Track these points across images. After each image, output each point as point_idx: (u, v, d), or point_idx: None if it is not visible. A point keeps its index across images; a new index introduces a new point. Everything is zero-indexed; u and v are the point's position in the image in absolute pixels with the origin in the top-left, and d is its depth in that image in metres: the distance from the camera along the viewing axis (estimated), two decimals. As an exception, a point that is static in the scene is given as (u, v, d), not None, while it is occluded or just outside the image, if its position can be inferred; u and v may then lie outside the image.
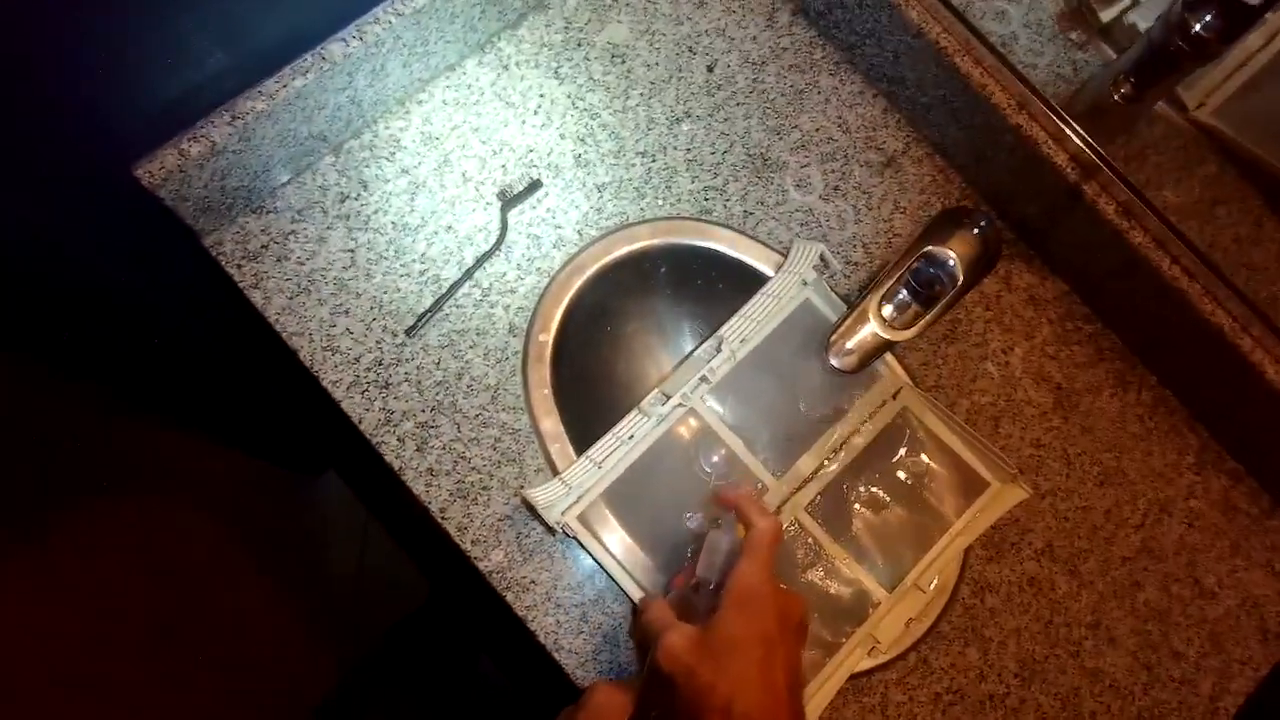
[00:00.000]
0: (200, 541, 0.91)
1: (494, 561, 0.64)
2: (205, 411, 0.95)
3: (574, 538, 0.64)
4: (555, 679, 0.65)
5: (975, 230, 0.66)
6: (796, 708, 0.51)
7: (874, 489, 0.70)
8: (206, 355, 0.87)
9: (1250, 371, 0.67)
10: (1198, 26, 0.66)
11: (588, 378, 0.70)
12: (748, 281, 0.71)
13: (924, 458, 0.71)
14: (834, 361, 0.67)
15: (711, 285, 0.73)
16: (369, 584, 1.11)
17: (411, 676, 1.10)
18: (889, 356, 0.71)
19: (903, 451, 0.71)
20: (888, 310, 0.68)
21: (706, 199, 0.73)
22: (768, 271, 0.72)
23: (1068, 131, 0.68)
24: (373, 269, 0.67)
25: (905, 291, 0.67)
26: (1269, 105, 0.78)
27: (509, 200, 0.70)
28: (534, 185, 0.70)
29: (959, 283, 0.65)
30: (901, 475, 0.70)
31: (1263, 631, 0.73)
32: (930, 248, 0.65)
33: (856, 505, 0.69)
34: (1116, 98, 0.72)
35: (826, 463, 0.69)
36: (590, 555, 0.64)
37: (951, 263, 0.65)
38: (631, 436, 0.66)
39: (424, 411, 0.66)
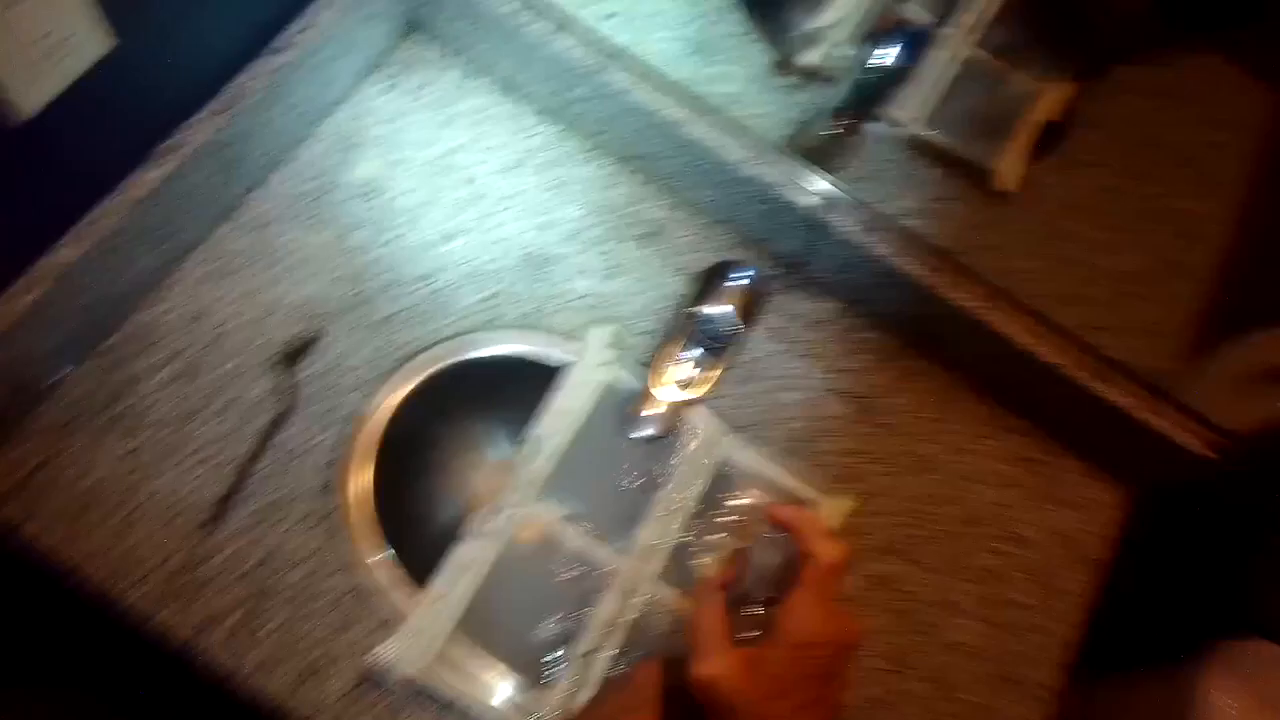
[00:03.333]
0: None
1: (362, 731, 0.56)
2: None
3: (436, 683, 0.56)
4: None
5: (740, 280, 0.64)
6: None
7: (716, 537, 0.66)
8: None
9: (1003, 341, 0.67)
10: (886, 57, 0.67)
11: (415, 513, 0.63)
12: (552, 376, 0.66)
13: (755, 495, 0.67)
14: (646, 431, 0.63)
15: (520, 388, 0.67)
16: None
17: None
18: (702, 409, 0.68)
19: (734, 495, 0.67)
20: (684, 370, 0.64)
21: (494, 306, 0.67)
22: (570, 361, 0.67)
23: (801, 168, 0.66)
24: (160, 466, 0.58)
25: (697, 347, 0.64)
26: (965, 108, 0.80)
27: (292, 358, 0.62)
28: (312, 338, 0.63)
29: (736, 330, 0.62)
30: (738, 518, 0.66)
31: (1082, 560, 0.73)
32: (701, 305, 0.62)
33: (699, 560, 0.65)
34: (838, 130, 0.72)
35: (667, 527, 0.64)
36: (458, 693, 0.57)
37: (724, 314, 0.62)
38: (471, 561, 0.59)
39: (249, 599, 0.56)
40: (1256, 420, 0.71)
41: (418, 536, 0.61)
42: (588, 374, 0.65)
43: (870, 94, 0.71)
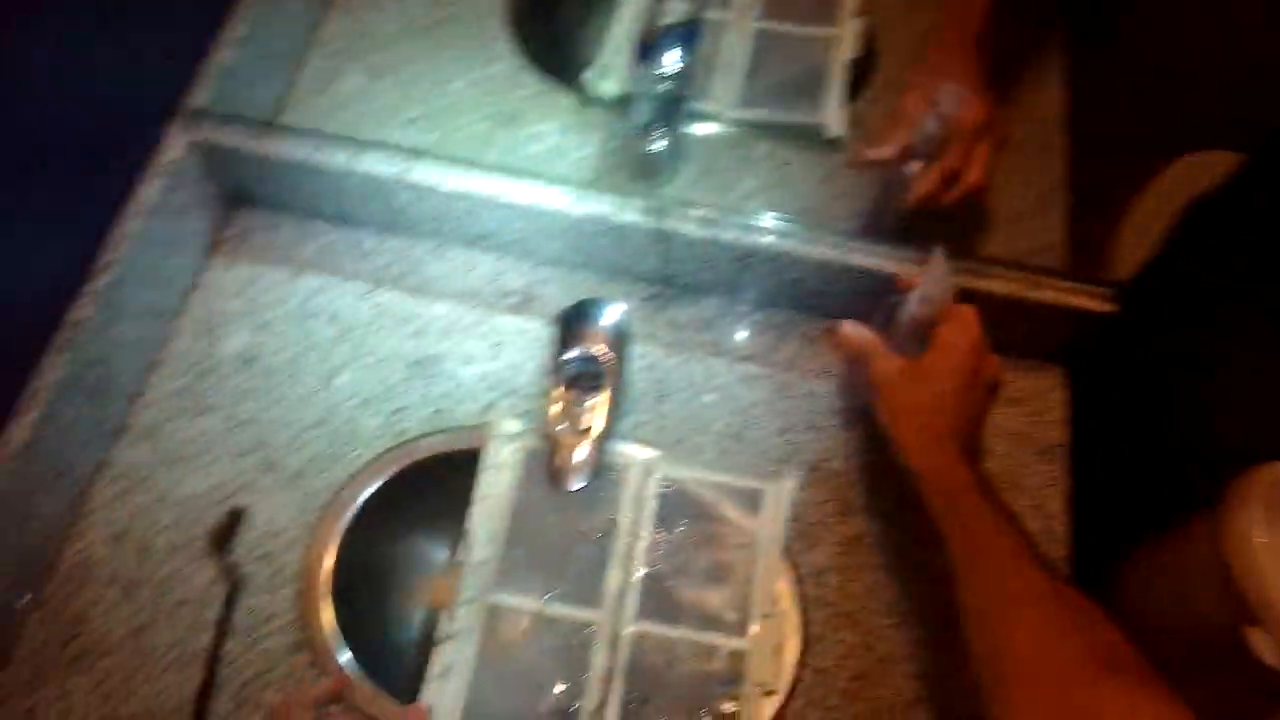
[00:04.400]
0: None
1: None
2: None
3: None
4: None
5: (597, 316, 0.68)
6: (974, 443, 0.63)
7: (680, 558, 0.69)
8: None
9: (874, 275, 0.71)
10: (669, 63, 0.72)
11: (386, 639, 0.67)
12: (476, 466, 0.70)
13: (702, 504, 0.71)
14: (572, 485, 0.67)
15: (450, 486, 0.71)
16: None
17: None
18: (626, 445, 0.72)
19: (684, 511, 0.70)
20: (583, 414, 0.68)
21: (397, 423, 0.72)
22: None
23: (625, 192, 0.72)
24: (131, 686, 0.62)
25: (583, 389, 0.68)
26: (772, 77, 0.87)
27: (220, 542, 0.66)
28: (236, 515, 0.67)
29: (608, 361, 0.67)
30: (694, 533, 0.70)
31: (1042, 451, 0.76)
32: (568, 352, 0.67)
33: (673, 583, 0.68)
34: (653, 146, 0.77)
35: (630, 565, 0.68)
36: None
37: (592, 352, 0.67)
38: (448, 667, 0.63)
39: (250, 781, 0.60)
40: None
41: (394, 660, 0.65)
42: (496, 455, 0.69)
43: (671, 100, 0.77)
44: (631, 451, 0.72)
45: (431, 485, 0.71)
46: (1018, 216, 0.79)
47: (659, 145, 0.75)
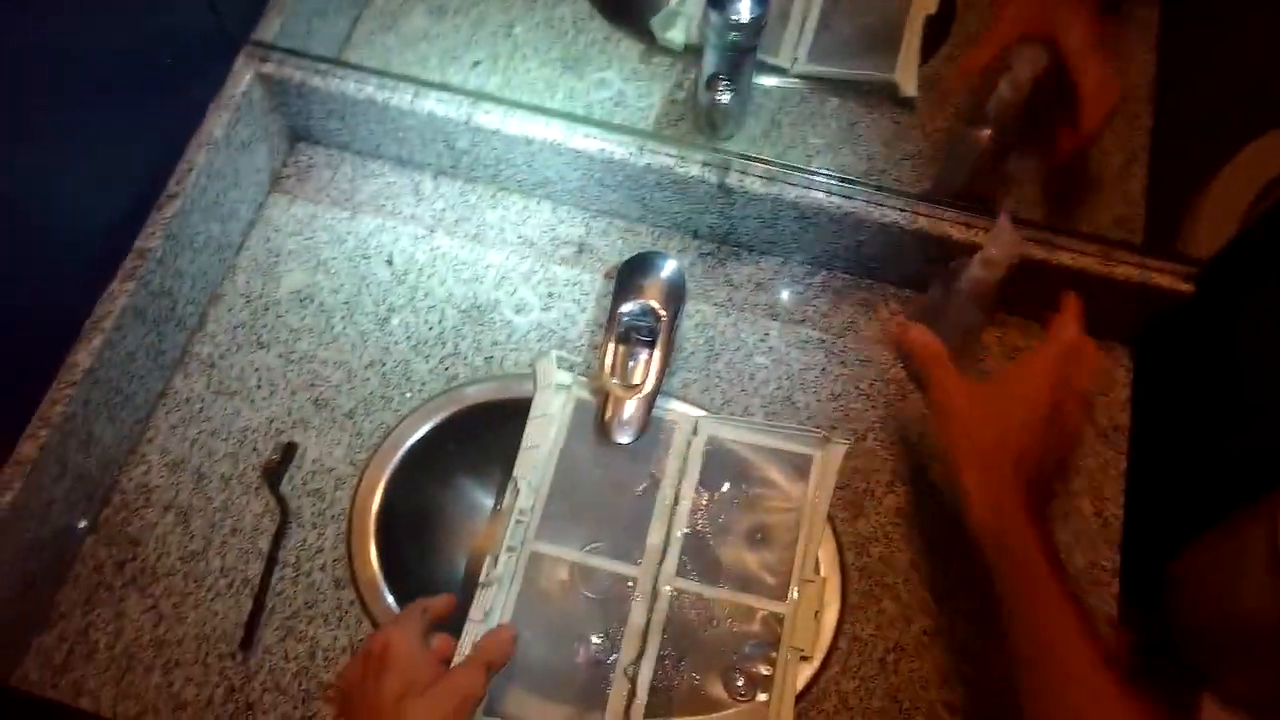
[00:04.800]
0: None
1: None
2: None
3: (488, 734, 0.61)
4: None
5: (653, 271, 0.68)
6: (1047, 493, 0.56)
7: (721, 519, 0.69)
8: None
9: (939, 243, 0.70)
10: (736, 15, 0.70)
11: (428, 581, 0.68)
12: (524, 414, 0.71)
13: (748, 466, 0.70)
14: (620, 439, 0.67)
15: (499, 435, 0.72)
16: None
17: None
18: (674, 401, 0.72)
19: (728, 472, 0.70)
20: (636, 368, 0.68)
21: (447, 368, 0.73)
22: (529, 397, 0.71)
23: (687, 144, 0.71)
24: (182, 610, 0.64)
25: (636, 344, 0.68)
26: (843, 31, 0.84)
27: (272, 475, 0.68)
28: (289, 449, 0.69)
29: (661, 317, 0.66)
30: (738, 494, 0.70)
31: (1101, 432, 0.74)
32: (624, 305, 0.66)
33: (714, 543, 0.68)
34: (720, 97, 0.76)
35: (673, 522, 0.68)
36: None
37: (649, 306, 0.66)
38: (488, 613, 0.64)
39: (296, 708, 0.62)
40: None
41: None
42: (545, 405, 0.69)
43: (739, 52, 0.75)
44: (680, 409, 0.72)
45: (479, 432, 0.72)
46: (1094, 186, 0.76)
47: (725, 97, 0.74)
